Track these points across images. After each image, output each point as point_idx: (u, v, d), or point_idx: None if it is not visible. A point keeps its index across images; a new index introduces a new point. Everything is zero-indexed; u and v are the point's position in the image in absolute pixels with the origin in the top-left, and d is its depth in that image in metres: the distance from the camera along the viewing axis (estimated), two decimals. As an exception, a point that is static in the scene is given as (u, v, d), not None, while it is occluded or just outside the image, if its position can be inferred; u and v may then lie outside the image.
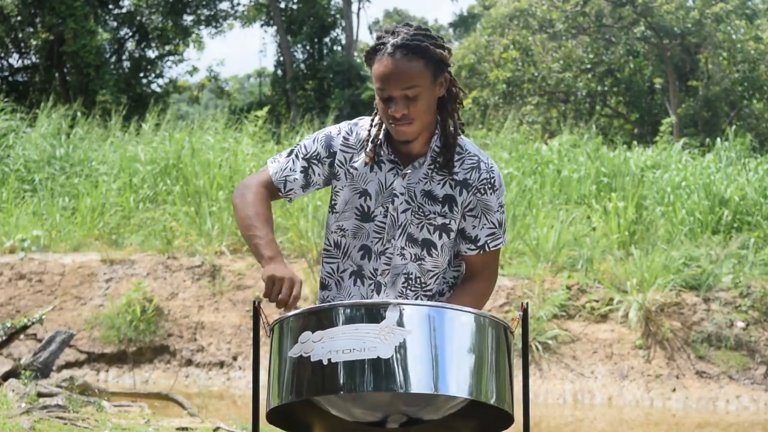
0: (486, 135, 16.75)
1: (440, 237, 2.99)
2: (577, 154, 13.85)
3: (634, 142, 16.70)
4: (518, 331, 2.80)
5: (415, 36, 2.88)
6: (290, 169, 3.07)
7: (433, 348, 2.56)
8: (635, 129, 26.95)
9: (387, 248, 3.01)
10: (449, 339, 2.59)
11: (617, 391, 9.68)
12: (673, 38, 25.06)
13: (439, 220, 2.98)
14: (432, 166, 2.98)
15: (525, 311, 2.80)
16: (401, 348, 2.52)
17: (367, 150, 3.01)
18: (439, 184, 2.98)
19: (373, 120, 3.04)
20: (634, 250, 10.79)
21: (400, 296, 3.01)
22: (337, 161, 3.04)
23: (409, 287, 3.01)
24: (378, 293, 3.02)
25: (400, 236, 3.00)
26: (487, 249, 3.00)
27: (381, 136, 3.01)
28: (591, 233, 11.48)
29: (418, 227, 2.99)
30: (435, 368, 2.54)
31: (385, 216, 3.01)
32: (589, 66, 26.15)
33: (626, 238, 11.20)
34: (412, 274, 3.01)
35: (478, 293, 3.02)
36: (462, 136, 3.02)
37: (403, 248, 3.00)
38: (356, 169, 3.03)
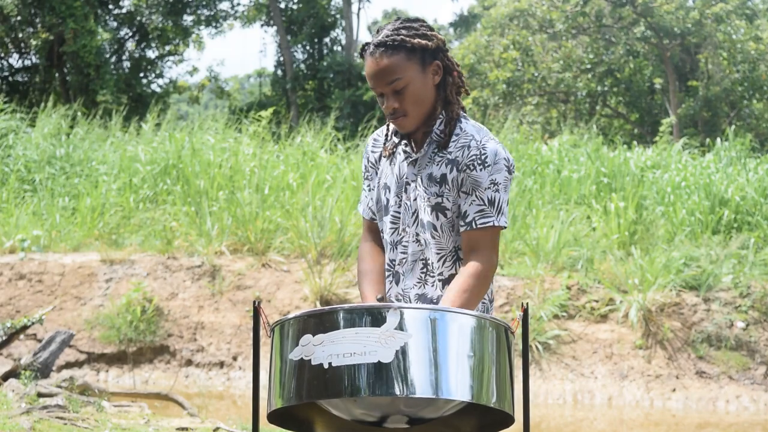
0: (486, 135, 16.73)
1: (437, 217, 3.00)
2: (577, 154, 13.85)
3: (634, 142, 16.70)
4: (518, 331, 2.80)
5: (393, 31, 2.98)
6: (365, 197, 3.22)
7: (434, 351, 2.56)
8: (635, 129, 26.96)
9: (402, 237, 3.06)
10: (450, 342, 2.59)
11: (617, 391, 9.68)
12: (673, 38, 25.06)
13: (433, 200, 3.00)
14: (434, 150, 3.03)
15: (525, 311, 2.80)
16: (402, 352, 2.52)
17: (386, 145, 3.13)
18: (437, 165, 3.01)
19: None
20: (634, 250, 10.79)
21: (419, 283, 3.03)
22: (371, 164, 3.18)
23: (428, 273, 3.03)
24: (397, 283, 3.07)
25: (414, 223, 3.04)
26: (475, 226, 2.94)
27: (392, 129, 3.12)
28: (591, 233, 11.48)
29: (424, 211, 3.02)
30: (436, 372, 2.54)
31: (399, 206, 3.06)
32: (589, 66, 26.15)
33: (626, 238, 11.20)
34: (429, 259, 3.03)
35: (470, 276, 2.89)
36: (468, 120, 3.06)
37: (417, 234, 3.04)
38: (380, 165, 3.15)
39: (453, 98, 3.04)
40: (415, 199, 3.03)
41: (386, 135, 3.14)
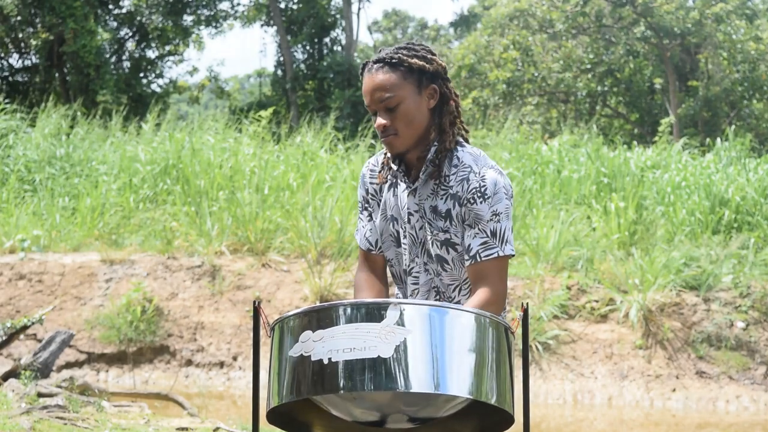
0: (486, 135, 16.75)
1: (448, 252, 3.01)
2: (577, 154, 13.85)
3: (634, 142, 16.70)
4: (518, 331, 2.80)
5: (394, 50, 2.97)
6: (362, 227, 3.19)
7: (434, 347, 2.56)
8: (635, 129, 26.96)
9: (412, 267, 3.06)
10: (450, 339, 2.59)
11: (617, 391, 9.68)
12: (673, 38, 25.06)
13: (442, 236, 3.00)
14: (436, 182, 3.00)
15: (525, 311, 2.79)
16: (402, 347, 2.52)
17: (380, 173, 3.10)
18: (442, 199, 3.00)
19: None
20: (634, 250, 10.79)
21: None
22: (370, 195, 3.15)
23: (441, 300, 3.03)
24: None
25: (422, 253, 3.04)
26: (479, 259, 2.94)
27: (390, 156, 3.08)
28: (591, 233, 11.48)
29: (431, 243, 3.02)
30: (435, 368, 2.54)
31: (405, 237, 3.06)
32: (589, 66, 26.15)
33: (626, 238, 11.20)
34: (440, 288, 3.04)
35: (477, 303, 2.90)
36: (465, 148, 3.03)
37: (425, 264, 3.05)
38: (382, 196, 3.12)
39: (447, 128, 3.00)
40: (421, 229, 3.02)
41: (382, 164, 3.11)
